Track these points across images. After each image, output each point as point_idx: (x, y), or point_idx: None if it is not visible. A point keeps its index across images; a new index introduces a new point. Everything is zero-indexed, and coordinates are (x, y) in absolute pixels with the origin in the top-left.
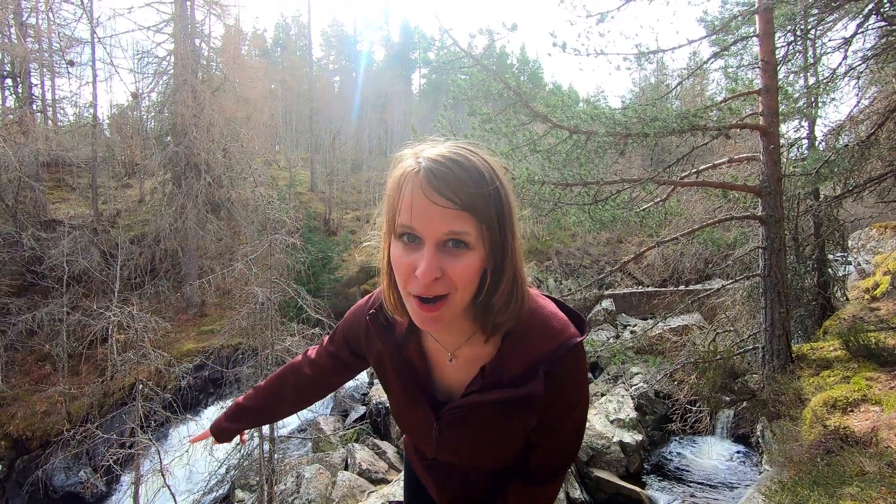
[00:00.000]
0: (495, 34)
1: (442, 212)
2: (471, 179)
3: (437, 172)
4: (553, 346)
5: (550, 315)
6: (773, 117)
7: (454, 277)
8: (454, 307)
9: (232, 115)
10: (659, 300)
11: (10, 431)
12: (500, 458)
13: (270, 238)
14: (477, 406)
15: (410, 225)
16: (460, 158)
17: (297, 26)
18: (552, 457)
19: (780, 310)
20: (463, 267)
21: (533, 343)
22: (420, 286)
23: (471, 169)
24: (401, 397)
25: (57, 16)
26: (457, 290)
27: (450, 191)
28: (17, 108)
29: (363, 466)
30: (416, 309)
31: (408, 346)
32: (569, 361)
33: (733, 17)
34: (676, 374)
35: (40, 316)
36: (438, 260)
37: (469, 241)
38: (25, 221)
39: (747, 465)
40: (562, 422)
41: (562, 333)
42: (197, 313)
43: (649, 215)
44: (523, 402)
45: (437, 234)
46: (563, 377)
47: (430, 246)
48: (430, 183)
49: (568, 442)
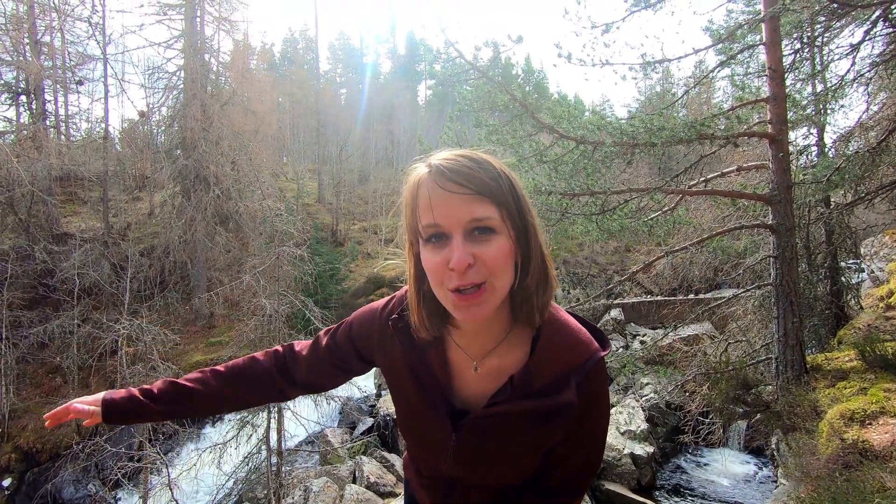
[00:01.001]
0: (501, 46)
1: (461, 199)
2: (482, 169)
3: (448, 166)
4: (583, 358)
5: (577, 328)
6: (781, 125)
7: (488, 261)
8: (495, 294)
9: (240, 128)
10: (669, 310)
11: (21, 444)
12: (515, 473)
13: (278, 250)
14: (504, 416)
15: (434, 222)
16: (470, 155)
17: (305, 40)
18: (575, 472)
19: (794, 319)
20: (494, 250)
21: (564, 354)
22: (456, 277)
23: (481, 161)
24: (414, 405)
25: (70, 34)
26: (493, 276)
27: (464, 178)
28: (30, 124)
29: (371, 479)
30: (456, 303)
31: (429, 353)
32: (597, 375)
33: (739, 26)
34: (688, 384)
35: (51, 328)
36: (469, 247)
37: (494, 226)
38: (38, 235)
39: (762, 479)
40: (587, 437)
41: (590, 346)
42: (206, 325)
43: (657, 224)
44: (554, 413)
45: (461, 223)
46: (591, 390)
47: (458, 235)
48: (443, 176)
49: (591, 458)
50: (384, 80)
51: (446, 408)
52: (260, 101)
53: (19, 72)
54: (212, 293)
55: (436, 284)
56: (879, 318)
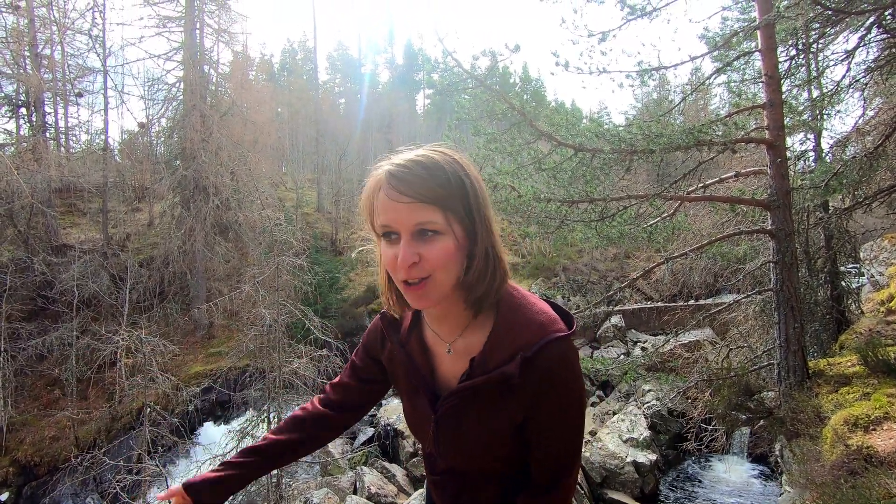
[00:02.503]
0: (498, 55)
1: (408, 207)
2: (431, 175)
3: (398, 175)
4: (535, 336)
5: (538, 311)
6: (779, 131)
7: (430, 260)
8: (438, 286)
9: (240, 138)
10: (669, 316)
11: (19, 457)
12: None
13: (278, 260)
14: (465, 394)
15: (386, 223)
16: (422, 159)
17: (304, 51)
18: (549, 462)
19: (795, 325)
20: (436, 250)
21: (518, 334)
22: (403, 272)
23: (431, 166)
24: (406, 395)
25: (70, 46)
26: (435, 272)
27: (412, 189)
28: (31, 136)
29: (372, 490)
30: (406, 292)
31: (410, 341)
32: (553, 352)
33: (735, 34)
34: (690, 391)
35: (50, 340)
36: (414, 247)
37: (437, 228)
38: (37, 247)
39: (766, 486)
40: (554, 423)
41: (547, 326)
42: (205, 335)
43: (657, 231)
44: (503, 387)
45: (408, 227)
46: (548, 370)
47: (405, 236)
48: (394, 186)
49: (563, 447)
50: (382, 90)
51: (427, 392)
52: (259, 112)
53: (19, 84)
54: (211, 304)
55: (392, 275)
56: (881, 323)
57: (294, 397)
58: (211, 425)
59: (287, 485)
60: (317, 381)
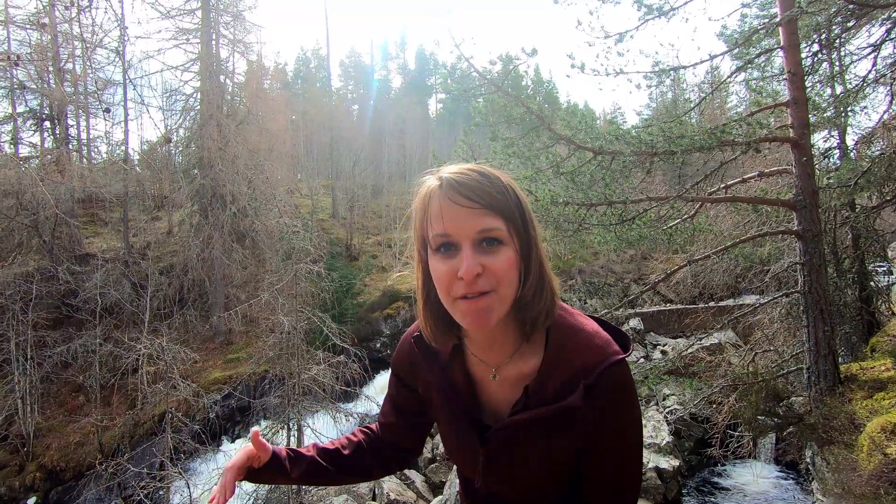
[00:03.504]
0: (515, 59)
1: (470, 212)
2: (491, 184)
3: (460, 180)
4: (593, 361)
5: (592, 332)
6: (803, 129)
7: (495, 272)
8: (502, 301)
9: (255, 146)
10: (691, 319)
11: (45, 463)
12: (548, 488)
13: (296, 267)
14: (522, 426)
15: (445, 232)
16: (479, 169)
17: (317, 59)
18: (606, 492)
19: (825, 328)
20: (501, 261)
21: (573, 358)
22: (464, 285)
23: (490, 176)
24: (447, 424)
25: (91, 60)
26: (499, 285)
27: (474, 193)
28: (54, 149)
29: (391, 497)
30: (464, 309)
31: (452, 368)
32: (611, 378)
33: (755, 31)
34: (714, 395)
35: (74, 347)
36: (477, 258)
37: (501, 237)
38: (61, 256)
39: (794, 493)
40: (611, 450)
41: (603, 350)
42: (223, 341)
43: (677, 233)
44: (564, 418)
45: (470, 234)
46: (606, 396)
47: (467, 246)
48: (455, 189)
49: (622, 476)
50: (395, 95)
51: (470, 422)
52: (274, 120)
53: (44, 98)
54: (230, 311)
55: (443, 293)
56: None
57: (313, 404)
58: (226, 439)
59: (306, 491)
60: (335, 387)
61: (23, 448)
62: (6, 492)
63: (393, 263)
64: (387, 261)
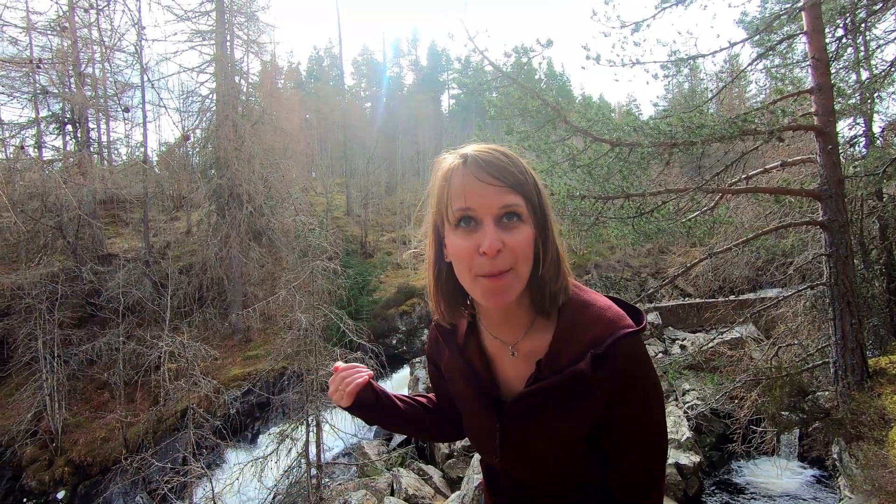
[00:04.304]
0: (530, 52)
1: (494, 189)
2: (512, 162)
3: (486, 158)
4: (604, 333)
5: (604, 306)
6: (828, 116)
7: (515, 248)
8: (520, 279)
9: (271, 145)
10: (711, 313)
11: (73, 458)
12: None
13: (313, 265)
14: (534, 398)
15: (467, 206)
16: (502, 150)
17: (330, 57)
18: (635, 472)
19: (852, 321)
20: (520, 239)
21: (585, 331)
22: (487, 262)
23: (511, 156)
24: (467, 404)
25: (111, 63)
26: (518, 263)
27: (498, 171)
28: (76, 152)
29: (409, 492)
30: (485, 287)
31: (469, 348)
32: (622, 350)
33: (777, 16)
34: (735, 391)
35: (99, 346)
36: (499, 234)
37: (522, 214)
38: (85, 256)
39: (819, 490)
40: (635, 425)
41: (615, 322)
42: (242, 338)
43: (696, 225)
44: (576, 387)
45: (493, 209)
46: (619, 367)
47: (490, 221)
48: (480, 167)
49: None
50: (407, 92)
51: (489, 398)
52: (288, 119)
53: (65, 103)
54: (249, 309)
55: (463, 270)
56: None
57: (331, 400)
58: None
59: (324, 486)
60: None
61: (51, 443)
62: (37, 485)
63: (408, 260)
64: (402, 257)
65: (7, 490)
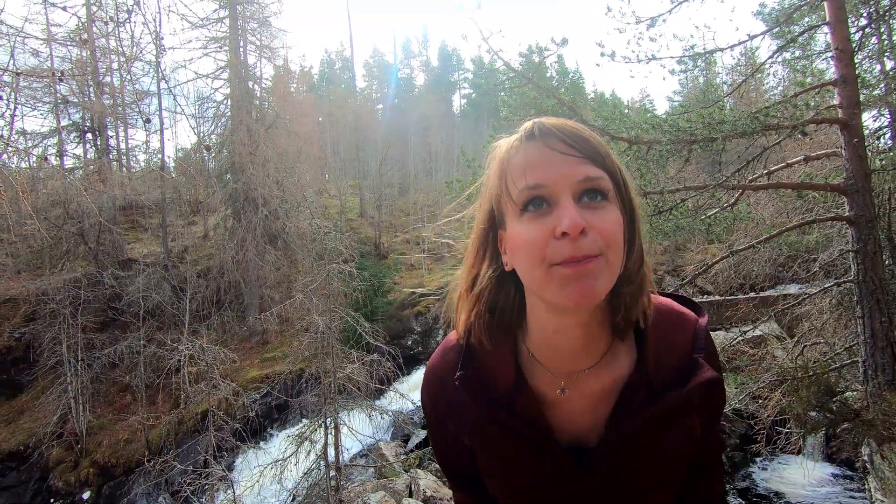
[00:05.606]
0: (545, 51)
1: (570, 160)
2: (590, 134)
3: (556, 127)
4: (691, 334)
5: (669, 304)
6: (853, 109)
7: (603, 231)
8: (611, 271)
9: (284, 149)
10: (731, 311)
11: (98, 459)
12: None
13: (328, 268)
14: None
15: (536, 183)
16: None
17: (341, 60)
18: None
19: (882, 318)
20: (609, 220)
21: (673, 338)
22: (568, 244)
23: (586, 127)
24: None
25: (130, 72)
26: (608, 249)
27: (574, 140)
28: (96, 160)
29: (428, 493)
30: (566, 275)
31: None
32: (710, 346)
33: (797, 7)
34: (758, 390)
35: (121, 349)
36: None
37: (607, 192)
38: (106, 262)
39: (846, 491)
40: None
41: (690, 319)
42: (259, 341)
43: (716, 222)
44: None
45: (570, 184)
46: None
47: (567, 197)
48: (551, 135)
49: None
50: (419, 93)
51: (552, 447)
52: (301, 123)
53: (85, 112)
54: (266, 313)
55: (533, 262)
56: None
57: (348, 401)
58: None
59: (343, 487)
60: (370, 385)
61: (76, 445)
62: (63, 486)
63: (422, 261)
64: (416, 258)
65: (35, 490)
